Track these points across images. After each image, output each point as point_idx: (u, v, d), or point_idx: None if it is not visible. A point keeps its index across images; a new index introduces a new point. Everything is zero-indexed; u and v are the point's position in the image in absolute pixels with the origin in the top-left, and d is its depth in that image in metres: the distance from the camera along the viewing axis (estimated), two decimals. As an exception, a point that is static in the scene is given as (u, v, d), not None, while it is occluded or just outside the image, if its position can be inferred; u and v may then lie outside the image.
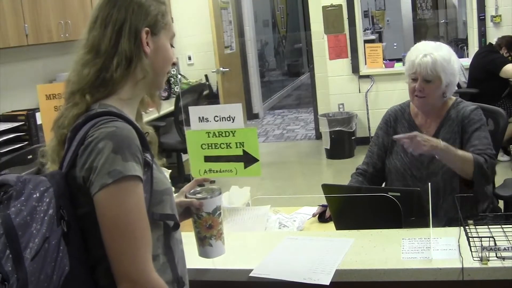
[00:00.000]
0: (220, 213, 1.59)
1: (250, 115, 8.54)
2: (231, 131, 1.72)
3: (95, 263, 1.23)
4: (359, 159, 5.68)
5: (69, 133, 1.27)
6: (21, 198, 1.11)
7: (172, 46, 1.40)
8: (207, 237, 1.60)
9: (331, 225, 2.14)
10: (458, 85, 5.47)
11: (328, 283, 1.53)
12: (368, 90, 6.22)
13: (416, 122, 2.32)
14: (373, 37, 10.05)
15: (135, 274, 1.17)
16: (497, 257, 1.54)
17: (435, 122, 2.28)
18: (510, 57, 5.21)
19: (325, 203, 2.17)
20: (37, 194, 1.13)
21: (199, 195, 1.58)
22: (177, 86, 6.18)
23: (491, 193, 2.31)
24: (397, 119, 2.37)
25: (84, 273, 1.20)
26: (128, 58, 1.28)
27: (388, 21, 11.70)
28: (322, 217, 2.28)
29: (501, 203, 2.48)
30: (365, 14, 10.78)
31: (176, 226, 1.36)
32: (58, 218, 1.15)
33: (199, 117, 1.76)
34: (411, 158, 2.26)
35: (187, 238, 2.00)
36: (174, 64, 1.41)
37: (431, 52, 2.18)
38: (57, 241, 1.14)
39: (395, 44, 9.72)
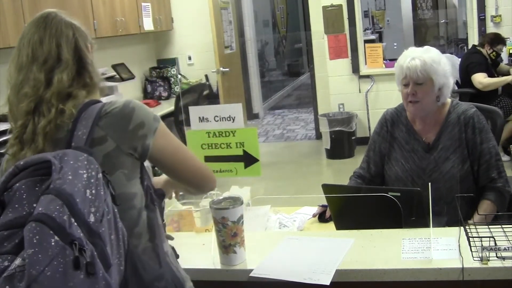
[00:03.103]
0: (243, 221, 1.67)
1: (250, 115, 8.53)
2: (231, 131, 1.72)
3: None
4: (359, 159, 5.65)
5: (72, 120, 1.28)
6: (64, 169, 1.11)
7: None
8: (232, 245, 1.68)
9: (331, 225, 2.14)
10: (458, 85, 5.50)
11: (328, 283, 1.53)
12: (368, 90, 6.22)
13: (414, 127, 2.28)
14: (373, 37, 10.04)
15: (208, 172, 1.50)
16: (497, 257, 1.54)
17: (434, 129, 2.24)
18: (493, 53, 5.22)
19: (325, 203, 2.17)
20: (79, 164, 1.14)
21: (222, 205, 1.65)
22: (177, 86, 6.18)
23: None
24: (394, 123, 2.33)
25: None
26: (93, 65, 1.37)
27: (388, 21, 11.69)
28: (322, 217, 2.27)
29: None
30: (365, 14, 10.78)
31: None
32: (106, 182, 1.17)
33: (199, 117, 1.76)
34: (413, 166, 2.24)
35: (186, 238, 2.00)
36: None
37: (419, 55, 2.15)
38: (111, 203, 1.16)
39: (395, 44, 9.72)
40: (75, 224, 1.04)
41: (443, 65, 2.17)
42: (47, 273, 0.98)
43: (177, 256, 1.47)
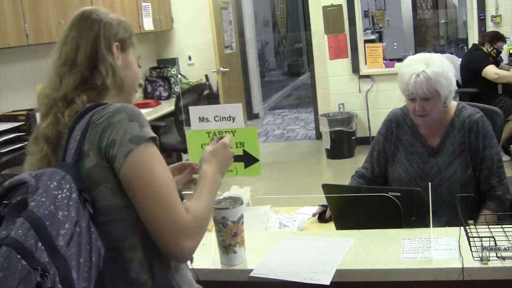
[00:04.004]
0: (243, 221, 1.66)
1: (251, 115, 8.53)
2: (231, 131, 1.72)
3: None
4: (359, 159, 5.68)
5: (67, 129, 1.27)
6: (39, 191, 1.13)
7: (139, 66, 1.45)
8: (232, 245, 1.68)
9: (331, 225, 2.14)
10: (458, 84, 5.49)
11: (328, 283, 1.53)
12: (368, 90, 6.22)
13: (420, 130, 2.27)
14: (373, 37, 10.05)
15: (183, 235, 1.20)
16: (497, 257, 1.54)
17: (439, 133, 2.23)
18: (494, 51, 5.23)
19: (325, 203, 2.17)
20: (54, 183, 1.14)
21: (223, 205, 1.65)
22: (177, 86, 6.18)
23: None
24: (399, 125, 2.32)
25: (116, 256, 1.22)
26: (112, 66, 1.34)
27: (388, 21, 11.70)
28: (322, 217, 2.27)
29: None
30: (365, 14, 10.78)
31: None
32: (82, 201, 1.16)
33: (199, 117, 1.76)
34: (416, 169, 2.23)
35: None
36: (140, 85, 1.46)
37: (423, 69, 2.10)
38: (86, 223, 1.15)
39: (395, 44, 9.73)
40: (42, 248, 1.07)
41: (447, 72, 2.13)
42: None
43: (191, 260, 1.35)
